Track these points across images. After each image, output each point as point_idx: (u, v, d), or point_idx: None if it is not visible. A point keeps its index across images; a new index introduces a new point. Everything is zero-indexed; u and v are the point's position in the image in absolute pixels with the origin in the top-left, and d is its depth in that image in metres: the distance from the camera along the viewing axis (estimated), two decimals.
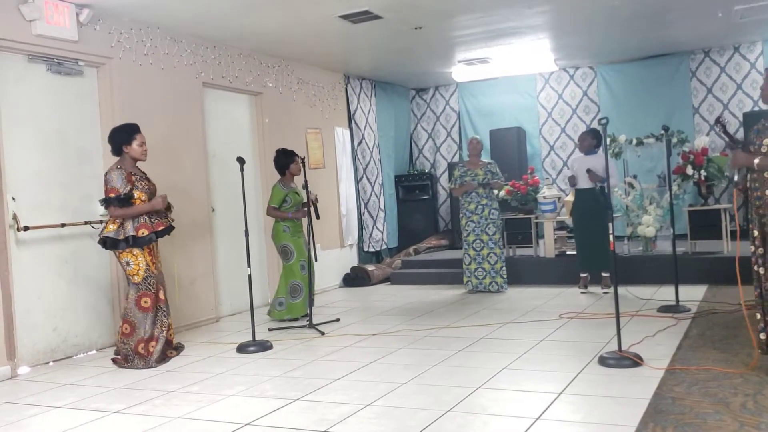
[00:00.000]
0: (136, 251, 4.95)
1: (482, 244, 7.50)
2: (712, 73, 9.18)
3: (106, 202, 4.93)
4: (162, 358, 5.03)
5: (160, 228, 5.04)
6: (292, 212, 6.40)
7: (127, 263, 4.97)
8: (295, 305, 6.43)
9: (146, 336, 4.97)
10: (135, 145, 5.04)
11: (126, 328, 5.01)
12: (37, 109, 5.38)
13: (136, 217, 4.94)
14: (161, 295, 5.09)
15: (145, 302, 4.99)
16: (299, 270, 6.42)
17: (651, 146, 8.38)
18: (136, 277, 4.97)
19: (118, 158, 5.08)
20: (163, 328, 5.08)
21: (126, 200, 4.90)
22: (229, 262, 7.09)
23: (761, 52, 8.88)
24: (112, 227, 4.94)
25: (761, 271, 3.76)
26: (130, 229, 4.90)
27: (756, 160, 3.67)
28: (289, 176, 6.54)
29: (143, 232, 4.93)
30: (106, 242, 4.94)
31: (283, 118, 8.03)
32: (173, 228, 5.26)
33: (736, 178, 3.91)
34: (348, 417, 3.51)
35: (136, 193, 4.96)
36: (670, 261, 6.03)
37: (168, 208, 5.22)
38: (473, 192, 7.52)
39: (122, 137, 5.04)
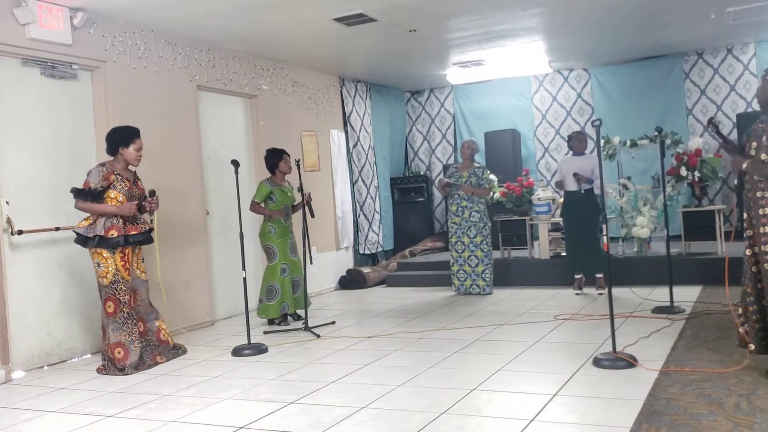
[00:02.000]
0: (106, 254, 4.85)
1: (463, 247, 7.52)
2: (705, 74, 9.22)
3: (73, 192, 4.85)
4: (142, 365, 4.93)
5: (133, 232, 4.92)
6: (270, 210, 6.34)
7: (98, 264, 4.89)
8: (269, 306, 6.34)
9: (113, 341, 4.87)
10: (132, 148, 4.98)
11: (101, 332, 4.98)
12: (32, 113, 5.37)
13: (107, 217, 4.84)
14: (132, 303, 4.98)
15: (109, 306, 4.90)
16: (279, 273, 6.35)
17: (645, 148, 8.41)
18: (104, 280, 4.89)
19: (112, 158, 5.03)
20: (134, 337, 4.92)
21: (95, 195, 4.82)
22: (224, 265, 7.08)
23: (754, 53, 8.92)
24: (84, 223, 4.88)
25: (754, 270, 3.80)
26: (99, 228, 4.81)
27: (744, 165, 3.77)
28: (280, 175, 6.51)
29: (113, 233, 4.81)
30: (77, 238, 4.89)
31: (278, 121, 8.03)
32: (151, 236, 5.11)
33: (736, 182, 3.97)
34: (343, 419, 3.51)
35: (113, 193, 4.88)
36: (665, 262, 6.04)
37: (152, 194, 5.07)
38: (456, 194, 7.55)
39: (121, 138, 5.00)
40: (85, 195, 4.83)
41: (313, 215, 6.34)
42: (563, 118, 10.05)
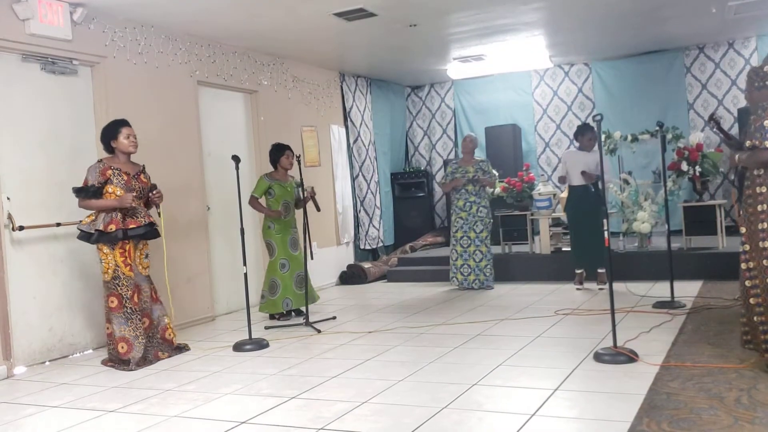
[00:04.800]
0: (106, 249, 4.90)
1: (469, 241, 7.53)
2: (706, 69, 9.21)
3: (74, 191, 4.92)
4: (144, 361, 4.93)
5: (132, 226, 4.92)
6: (266, 211, 6.42)
7: (101, 261, 4.96)
8: (272, 302, 6.41)
9: (119, 335, 4.89)
10: (121, 138, 5.00)
11: (107, 327, 4.98)
12: (32, 109, 5.37)
13: (107, 212, 4.88)
14: (135, 298, 5.00)
15: (112, 302, 4.93)
16: (279, 268, 6.40)
17: (646, 142, 8.40)
18: (105, 276, 4.95)
19: (112, 156, 5.06)
20: (139, 333, 4.93)
21: (93, 192, 4.87)
22: (225, 261, 7.08)
23: (755, 47, 8.90)
24: (86, 220, 4.94)
25: (750, 265, 3.77)
26: (99, 223, 4.86)
27: (736, 156, 3.79)
28: (281, 170, 6.55)
29: (111, 228, 4.84)
30: (80, 234, 4.94)
31: (279, 116, 8.03)
32: (154, 230, 5.10)
33: (732, 176, 3.98)
34: (344, 414, 3.51)
35: (110, 188, 4.91)
36: (665, 257, 6.04)
37: (153, 188, 5.12)
38: (463, 189, 7.54)
39: (109, 133, 5.04)
40: (85, 192, 4.89)
41: (318, 209, 6.51)
42: (564, 113, 10.03)
